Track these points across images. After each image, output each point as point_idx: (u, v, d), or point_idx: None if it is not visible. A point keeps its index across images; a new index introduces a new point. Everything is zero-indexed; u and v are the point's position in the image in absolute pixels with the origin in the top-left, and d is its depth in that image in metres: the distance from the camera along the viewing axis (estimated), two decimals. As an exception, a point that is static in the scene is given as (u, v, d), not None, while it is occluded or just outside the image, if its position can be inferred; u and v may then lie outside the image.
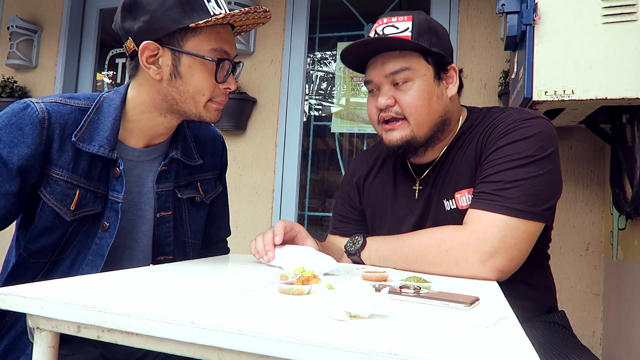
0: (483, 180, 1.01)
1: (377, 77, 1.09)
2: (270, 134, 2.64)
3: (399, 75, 1.06)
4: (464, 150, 1.11)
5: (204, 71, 0.97)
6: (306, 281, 0.69)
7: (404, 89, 1.06)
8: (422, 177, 1.16)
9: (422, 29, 1.07)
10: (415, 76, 1.06)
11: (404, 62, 1.06)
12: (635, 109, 1.55)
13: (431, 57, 1.08)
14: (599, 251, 2.09)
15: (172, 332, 0.52)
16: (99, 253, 0.96)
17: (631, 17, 1.33)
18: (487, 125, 1.08)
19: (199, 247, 1.19)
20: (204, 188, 1.18)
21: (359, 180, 1.29)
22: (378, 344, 0.45)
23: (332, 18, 2.80)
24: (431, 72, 1.08)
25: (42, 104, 0.94)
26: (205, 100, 0.99)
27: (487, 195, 0.98)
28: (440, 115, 1.09)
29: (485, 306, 0.67)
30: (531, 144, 0.99)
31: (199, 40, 0.96)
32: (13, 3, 3.20)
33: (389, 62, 1.07)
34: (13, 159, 0.90)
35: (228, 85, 1.01)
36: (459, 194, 1.07)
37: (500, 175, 0.98)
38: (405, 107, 1.06)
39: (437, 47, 1.07)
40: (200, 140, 1.19)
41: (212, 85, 0.99)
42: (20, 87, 3.06)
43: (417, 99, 1.06)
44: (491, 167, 1.01)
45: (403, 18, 1.08)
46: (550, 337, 1.03)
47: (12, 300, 0.59)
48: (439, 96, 1.09)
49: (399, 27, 1.07)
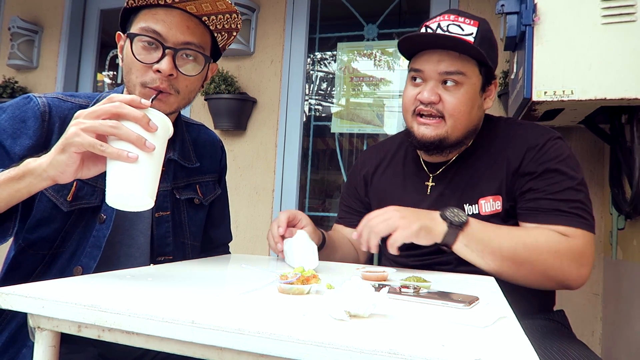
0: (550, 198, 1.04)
1: (430, 70, 1.09)
2: (270, 134, 2.65)
3: (453, 76, 1.08)
4: (489, 158, 1.13)
5: (130, 51, 0.96)
6: (306, 281, 0.69)
7: (452, 90, 1.08)
8: (436, 174, 1.19)
9: (485, 39, 1.09)
10: (466, 82, 1.08)
11: (461, 65, 1.07)
12: (634, 110, 1.55)
13: (484, 68, 1.10)
14: (599, 251, 2.09)
15: (173, 332, 0.52)
16: (96, 244, 0.97)
17: (631, 17, 1.33)
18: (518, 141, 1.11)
19: (199, 249, 1.19)
20: (203, 190, 1.18)
21: (367, 173, 1.32)
22: (378, 343, 0.45)
23: (332, 18, 2.80)
24: (480, 82, 1.11)
25: (44, 98, 0.97)
26: (139, 84, 0.97)
27: (571, 215, 1.02)
28: (475, 124, 1.14)
29: (484, 306, 0.67)
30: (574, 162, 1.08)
31: (136, 22, 0.98)
32: (14, 4, 3.21)
33: (447, 60, 1.08)
34: (15, 149, 0.92)
35: (158, 66, 0.95)
36: (484, 200, 1.10)
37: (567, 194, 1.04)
38: (448, 108, 1.08)
39: (491, 60, 1.10)
40: (199, 144, 1.19)
41: (140, 65, 0.95)
42: (21, 87, 3.06)
43: (462, 104, 1.08)
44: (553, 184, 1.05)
45: (470, 22, 1.09)
46: (549, 333, 1.04)
47: (13, 300, 0.59)
48: (479, 106, 1.13)
49: (464, 29, 1.08)
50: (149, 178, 0.75)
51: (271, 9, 2.68)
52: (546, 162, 1.06)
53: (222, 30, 1.06)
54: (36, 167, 0.77)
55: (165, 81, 0.96)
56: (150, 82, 0.96)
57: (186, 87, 1.00)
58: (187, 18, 0.98)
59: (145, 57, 0.95)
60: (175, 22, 0.97)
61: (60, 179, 0.77)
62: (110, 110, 0.74)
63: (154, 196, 0.76)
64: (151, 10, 0.97)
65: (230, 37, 1.08)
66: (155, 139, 0.75)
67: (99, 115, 0.74)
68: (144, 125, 0.74)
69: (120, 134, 0.72)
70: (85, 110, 0.76)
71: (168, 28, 0.96)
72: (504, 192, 1.09)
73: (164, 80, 0.96)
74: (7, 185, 0.79)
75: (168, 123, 0.79)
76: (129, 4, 0.97)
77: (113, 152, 0.72)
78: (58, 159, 0.75)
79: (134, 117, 0.74)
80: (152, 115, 0.76)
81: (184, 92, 1.00)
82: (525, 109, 1.55)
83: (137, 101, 0.75)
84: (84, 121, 0.74)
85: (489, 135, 1.16)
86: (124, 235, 1.05)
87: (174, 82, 0.98)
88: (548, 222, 1.03)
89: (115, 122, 0.73)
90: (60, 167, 0.75)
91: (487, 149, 1.14)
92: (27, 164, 0.78)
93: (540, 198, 1.05)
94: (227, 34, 1.07)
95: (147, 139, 0.74)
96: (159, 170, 0.77)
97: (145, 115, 0.74)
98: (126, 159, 0.72)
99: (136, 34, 0.95)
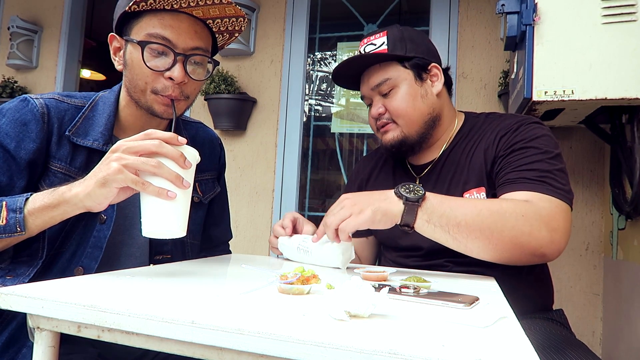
0: (517, 169, 1.03)
1: (367, 91, 1.20)
2: (270, 134, 2.65)
3: (383, 86, 1.16)
4: (469, 151, 1.15)
5: (139, 58, 0.95)
6: (306, 281, 0.69)
7: (391, 97, 1.17)
8: (421, 175, 1.22)
9: (396, 40, 1.17)
10: (397, 83, 1.16)
11: (384, 73, 1.16)
12: (634, 109, 1.55)
13: (408, 62, 1.16)
14: (599, 251, 2.09)
15: (172, 332, 0.52)
16: (97, 245, 0.97)
17: (631, 17, 1.33)
18: (494, 129, 1.14)
19: (198, 248, 1.19)
20: (202, 188, 1.18)
21: (361, 182, 1.36)
22: (378, 343, 0.45)
23: (332, 18, 2.80)
24: (411, 75, 1.17)
25: (42, 100, 0.97)
26: (149, 91, 0.97)
27: (537, 182, 0.99)
28: (429, 112, 1.18)
29: (484, 306, 0.67)
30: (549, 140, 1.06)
31: (140, 27, 0.96)
32: (14, 3, 3.21)
33: (372, 76, 1.18)
34: (21, 154, 0.93)
35: (170, 74, 0.95)
36: (468, 194, 1.11)
37: (535, 165, 1.01)
38: (393, 112, 1.16)
39: (413, 52, 1.17)
40: (198, 142, 1.19)
41: (150, 72, 0.95)
42: (20, 87, 3.06)
43: (401, 103, 1.15)
44: (522, 159, 1.04)
45: (379, 35, 1.19)
46: (548, 333, 1.04)
47: (12, 300, 0.59)
48: (423, 95, 1.17)
49: (376, 44, 1.18)
50: (183, 213, 0.80)
51: (271, 9, 2.68)
52: (518, 142, 1.07)
53: (224, 32, 1.06)
54: (72, 197, 0.81)
55: (177, 88, 0.97)
56: (162, 90, 0.96)
57: (194, 90, 1.02)
58: (194, 22, 0.98)
59: (156, 64, 0.95)
60: (183, 27, 0.96)
61: (95, 209, 0.82)
62: (151, 149, 0.77)
63: (186, 227, 0.81)
64: (157, 14, 0.95)
65: (231, 37, 1.09)
66: (189, 174, 0.80)
67: (137, 152, 0.77)
68: (181, 163, 0.78)
69: (162, 173, 0.76)
70: (124, 144, 0.79)
71: (177, 34, 0.95)
72: (486, 182, 1.10)
73: (175, 87, 0.97)
74: (42, 213, 0.83)
75: (196, 155, 0.84)
76: (131, 8, 0.94)
77: (154, 190, 0.76)
78: (98, 192, 0.78)
79: (173, 157, 0.78)
80: (185, 151, 0.80)
81: (192, 95, 1.02)
82: (525, 109, 1.55)
83: (174, 139, 0.79)
84: (125, 157, 0.77)
85: (470, 130, 1.19)
86: (124, 235, 1.05)
87: (184, 87, 0.99)
88: (512, 190, 1.00)
89: (156, 161, 0.77)
90: (99, 199, 0.79)
91: (467, 143, 1.17)
92: (63, 194, 0.82)
93: (509, 172, 1.04)
94: (228, 35, 1.08)
95: (183, 177, 0.78)
96: (189, 201, 0.81)
97: (182, 154, 0.79)
98: (166, 198, 0.76)
99: (147, 41, 0.94)
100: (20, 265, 0.93)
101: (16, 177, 0.93)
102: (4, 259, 0.92)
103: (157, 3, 0.93)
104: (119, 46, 1.02)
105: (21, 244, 0.92)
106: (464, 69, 2.34)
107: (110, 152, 0.79)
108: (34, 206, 0.84)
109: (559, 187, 0.99)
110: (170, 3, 0.93)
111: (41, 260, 0.93)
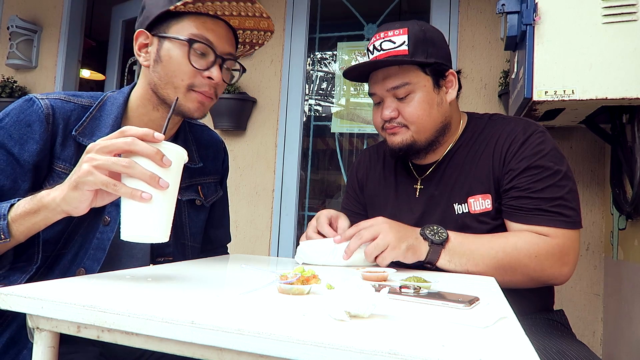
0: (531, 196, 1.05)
1: (380, 90, 1.14)
2: (270, 134, 2.64)
3: (400, 90, 1.11)
4: (474, 155, 1.14)
5: (181, 55, 0.98)
6: (306, 281, 0.69)
7: (406, 101, 1.12)
8: (423, 176, 1.21)
9: (418, 41, 1.10)
10: (415, 89, 1.11)
11: (403, 77, 1.11)
12: (635, 109, 1.55)
13: (429, 68, 1.12)
14: (599, 251, 2.09)
15: (172, 332, 0.52)
16: (100, 247, 0.97)
17: (631, 17, 1.33)
18: (500, 135, 1.12)
19: (199, 251, 1.19)
20: (204, 192, 1.18)
21: (362, 175, 1.35)
22: (378, 343, 0.45)
23: (332, 18, 2.80)
24: (430, 82, 1.13)
25: (47, 100, 0.97)
26: (185, 87, 0.98)
27: (552, 215, 1.04)
28: (442, 121, 1.15)
29: (485, 306, 0.67)
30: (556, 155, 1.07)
31: (182, 26, 0.98)
32: (13, 3, 3.21)
33: (389, 77, 1.12)
34: (24, 156, 0.92)
35: (210, 74, 0.98)
36: (473, 199, 1.11)
37: (548, 192, 1.04)
38: (407, 118, 1.12)
39: (434, 57, 1.11)
40: (202, 144, 1.19)
41: (191, 70, 0.97)
42: (20, 87, 3.06)
43: (418, 110, 1.11)
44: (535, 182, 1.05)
45: (399, 31, 1.11)
46: (548, 333, 1.04)
47: (12, 300, 0.59)
48: (439, 103, 1.14)
49: (395, 42, 1.11)
50: (163, 217, 0.73)
51: (271, 9, 2.68)
52: (528, 158, 1.07)
53: (247, 43, 1.10)
54: (50, 201, 0.78)
55: (212, 87, 1.01)
56: (199, 86, 0.99)
57: (220, 92, 1.06)
58: (229, 30, 1.03)
59: (198, 63, 0.98)
60: (222, 33, 1.01)
61: (74, 213, 0.78)
62: (123, 147, 0.72)
63: (169, 232, 0.75)
64: (199, 17, 0.98)
65: (250, 49, 1.12)
66: (170, 173, 0.74)
67: (111, 151, 0.73)
68: (158, 161, 0.72)
69: (134, 173, 0.71)
70: (97, 144, 0.75)
71: (218, 38, 0.99)
72: (493, 191, 1.10)
73: (212, 86, 1.00)
74: (24, 219, 0.82)
75: (183, 153, 0.78)
76: (177, 8, 0.96)
77: (127, 192, 0.71)
78: (71, 195, 0.75)
79: (148, 155, 0.72)
80: (166, 149, 0.74)
81: (218, 97, 1.06)
82: (525, 109, 1.55)
83: (150, 135, 0.73)
84: (96, 157, 0.73)
85: (474, 133, 1.18)
86: None
87: (217, 88, 1.02)
88: (529, 223, 1.04)
89: (128, 161, 0.71)
90: (73, 203, 0.76)
91: (472, 146, 1.16)
92: (42, 199, 0.80)
93: (521, 197, 1.06)
94: (249, 47, 1.12)
95: (161, 177, 0.72)
96: (173, 204, 0.76)
97: (158, 151, 0.72)
98: (140, 199, 0.70)
99: (195, 40, 0.97)
100: (14, 272, 0.92)
101: (20, 179, 0.92)
102: (4, 264, 0.91)
103: (204, 7, 0.96)
104: (146, 42, 1.02)
105: (19, 250, 0.91)
106: (464, 69, 2.34)
107: (85, 153, 0.76)
108: (16, 212, 0.82)
109: (570, 214, 1.03)
110: (215, 8, 0.97)
111: (36, 265, 0.92)
